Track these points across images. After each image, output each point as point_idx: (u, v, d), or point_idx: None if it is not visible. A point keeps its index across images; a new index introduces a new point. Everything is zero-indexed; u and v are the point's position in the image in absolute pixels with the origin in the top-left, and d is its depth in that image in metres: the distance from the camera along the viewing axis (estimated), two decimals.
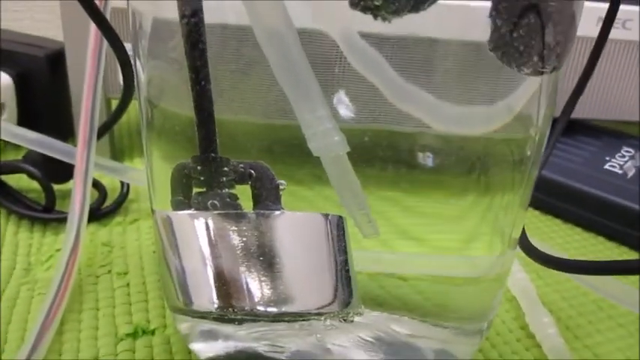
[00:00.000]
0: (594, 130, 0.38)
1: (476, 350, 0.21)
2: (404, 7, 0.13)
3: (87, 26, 0.23)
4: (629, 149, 0.35)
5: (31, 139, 0.28)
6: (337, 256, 0.16)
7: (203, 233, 0.16)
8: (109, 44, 0.20)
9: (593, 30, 0.20)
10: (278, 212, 0.16)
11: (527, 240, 0.20)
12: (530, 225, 0.32)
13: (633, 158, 0.34)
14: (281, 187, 0.16)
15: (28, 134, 0.28)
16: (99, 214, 0.30)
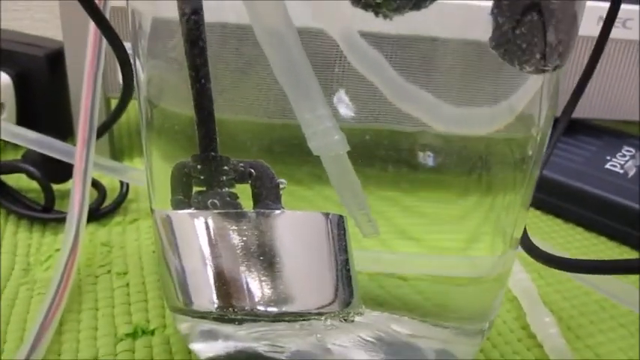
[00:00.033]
0: (595, 129, 0.38)
1: (477, 350, 0.21)
2: (405, 5, 0.13)
3: (86, 26, 0.23)
4: (630, 149, 0.35)
5: (31, 139, 0.27)
6: (338, 255, 0.16)
7: (203, 232, 0.16)
8: (108, 43, 0.20)
9: (594, 29, 0.20)
10: (278, 211, 0.16)
11: (528, 239, 0.20)
12: (531, 225, 0.32)
13: (634, 158, 0.34)
14: (281, 186, 0.16)
15: (28, 134, 0.28)
16: (98, 213, 0.30)
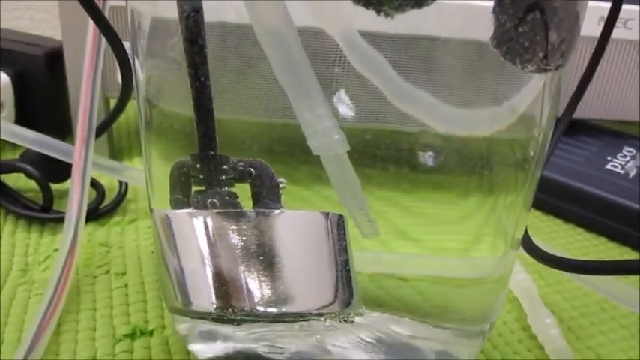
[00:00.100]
0: (595, 130, 0.38)
1: (478, 352, 0.21)
2: (407, 3, 0.13)
3: (85, 25, 0.23)
4: (631, 149, 0.35)
5: (29, 138, 0.27)
6: (338, 255, 0.16)
7: (202, 232, 0.16)
8: (107, 43, 0.20)
9: (595, 30, 0.20)
10: (278, 211, 0.15)
11: (529, 240, 0.20)
12: (531, 225, 0.32)
13: (634, 158, 0.34)
14: (281, 185, 0.16)
15: (26, 133, 0.27)
16: (97, 213, 0.29)
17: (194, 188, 0.16)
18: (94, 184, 0.30)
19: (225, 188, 0.16)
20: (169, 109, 0.17)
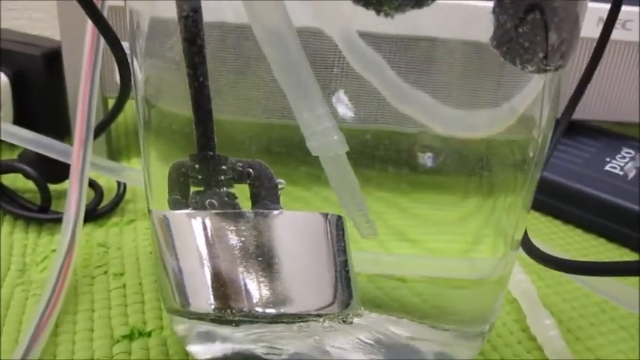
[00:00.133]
0: (594, 131, 0.38)
1: (477, 353, 0.21)
2: (407, 3, 0.13)
3: (84, 25, 0.23)
4: (630, 150, 0.35)
5: (28, 138, 0.27)
6: (337, 256, 0.16)
7: (201, 233, 0.16)
8: (106, 43, 0.19)
9: (594, 31, 0.20)
10: (277, 212, 0.15)
11: (529, 241, 0.20)
12: (530, 226, 0.32)
13: (633, 159, 0.34)
14: (280, 186, 0.16)
15: (25, 133, 0.27)
16: (95, 214, 0.29)
17: (193, 189, 0.16)
18: (92, 185, 0.30)
19: (224, 189, 0.16)
20: (168, 110, 0.17)
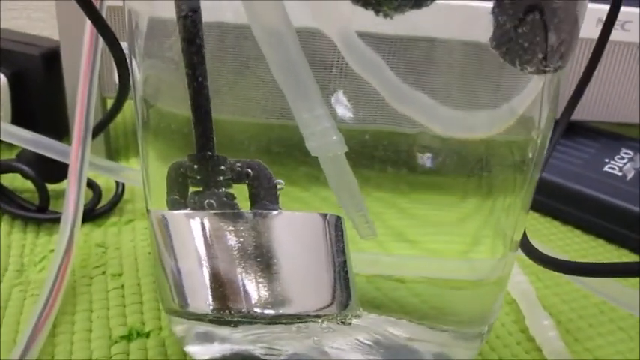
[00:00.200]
0: (593, 132, 0.38)
1: (476, 354, 0.21)
2: (406, 4, 0.13)
3: (83, 25, 0.23)
4: (628, 151, 0.35)
5: (26, 138, 0.27)
6: (335, 257, 0.16)
7: (199, 233, 0.16)
8: (105, 43, 0.19)
9: (593, 31, 0.20)
10: (275, 212, 0.15)
11: (528, 241, 0.20)
12: (529, 227, 0.32)
13: (632, 160, 0.34)
14: (279, 186, 0.16)
15: (23, 133, 0.27)
16: (93, 214, 0.29)
17: (191, 189, 0.16)
18: (91, 185, 0.30)
19: (223, 189, 0.15)
20: (167, 110, 0.17)
